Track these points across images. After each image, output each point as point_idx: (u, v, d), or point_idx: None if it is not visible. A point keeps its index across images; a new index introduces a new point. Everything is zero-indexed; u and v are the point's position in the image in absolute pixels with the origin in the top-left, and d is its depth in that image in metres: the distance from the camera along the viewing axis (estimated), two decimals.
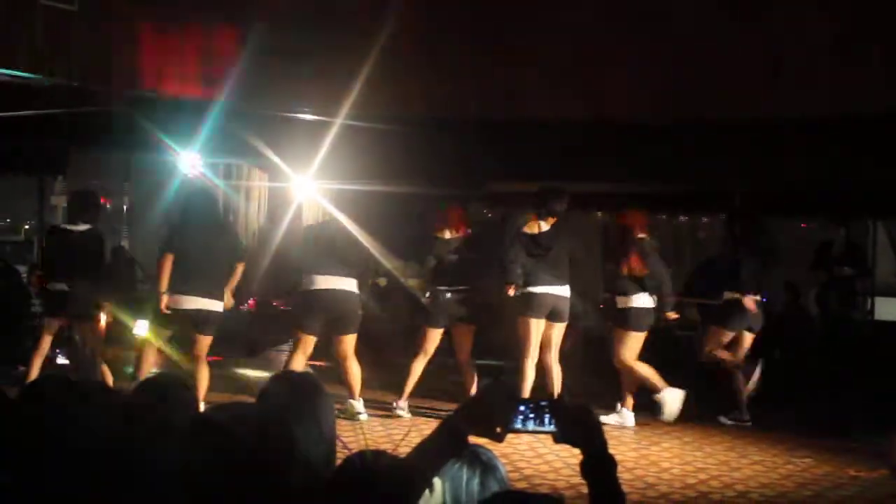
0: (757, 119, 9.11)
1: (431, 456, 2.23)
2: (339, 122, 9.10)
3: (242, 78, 8.54)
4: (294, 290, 8.17)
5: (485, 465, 2.72)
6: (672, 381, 8.32)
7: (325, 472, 2.86)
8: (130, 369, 8.39)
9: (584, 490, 2.21)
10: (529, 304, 8.29)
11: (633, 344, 8.31)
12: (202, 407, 6.82)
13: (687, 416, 8.66)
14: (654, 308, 8.41)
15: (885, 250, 13.51)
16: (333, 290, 8.06)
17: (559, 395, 8.17)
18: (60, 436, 2.50)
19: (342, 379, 8.20)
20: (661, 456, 7.36)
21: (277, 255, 12.72)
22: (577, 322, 9.34)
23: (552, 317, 8.36)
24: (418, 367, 8.41)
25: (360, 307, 8.22)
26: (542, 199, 8.45)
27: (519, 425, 2.24)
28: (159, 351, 7.82)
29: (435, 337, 8.46)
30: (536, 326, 8.30)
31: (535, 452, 7.08)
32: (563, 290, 8.38)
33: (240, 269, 7.94)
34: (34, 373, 7.87)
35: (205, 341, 7.72)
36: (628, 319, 8.35)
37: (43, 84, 8.54)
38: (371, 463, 2.36)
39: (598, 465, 2.22)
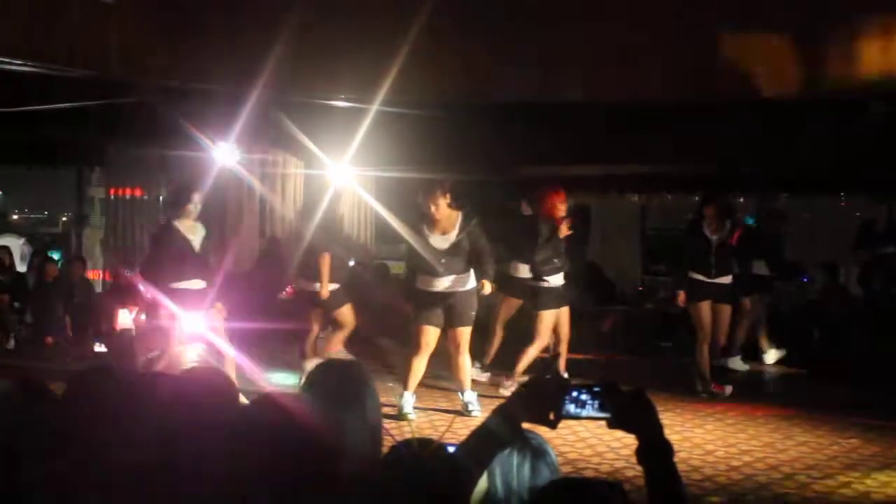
0: (794, 98, 9.00)
1: (486, 443, 2.21)
2: (374, 108, 9.07)
3: (277, 67, 8.52)
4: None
5: (535, 451, 2.71)
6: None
7: (371, 461, 2.84)
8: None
9: (629, 474, 2.16)
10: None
11: None
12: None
13: (729, 398, 8.61)
14: None
15: None
16: None
17: (613, 380, 8.19)
18: (105, 427, 2.50)
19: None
20: (705, 438, 7.30)
21: (312, 242, 12.77)
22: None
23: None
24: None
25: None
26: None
27: (572, 411, 2.20)
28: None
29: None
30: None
31: (577, 437, 7.04)
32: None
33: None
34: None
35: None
36: None
37: (80, 77, 8.57)
38: (418, 451, 2.34)
39: (655, 450, 2.17)
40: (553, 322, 8.59)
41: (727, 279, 8.83)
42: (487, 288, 7.77)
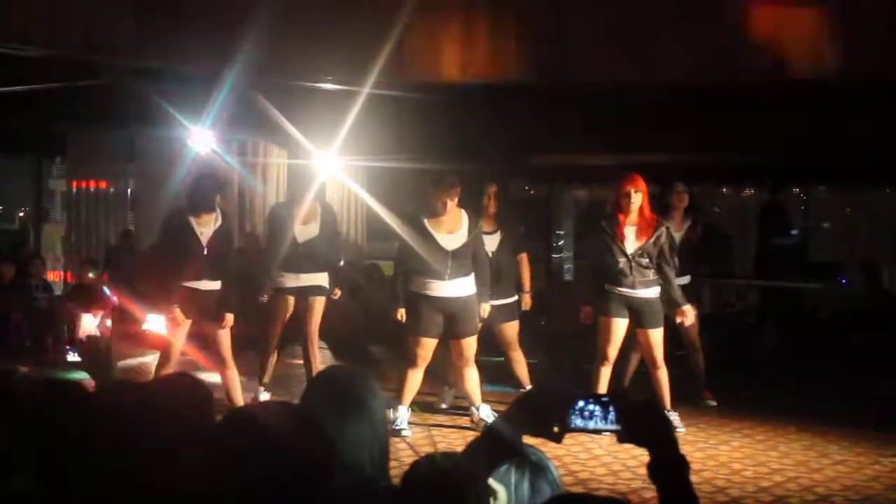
0: (826, 81, 9.00)
1: (482, 458, 2.24)
2: (365, 91, 9.09)
3: (258, 45, 8.54)
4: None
5: (535, 467, 2.70)
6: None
7: (378, 474, 2.89)
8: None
9: (647, 495, 2.19)
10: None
11: None
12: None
13: (758, 412, 8.63)
14: None
15: None
16: None
17: (623, 390, 8.18)
18: (68, 441, 2.55)
19: None
20: (732, 456, 7.33)
21: None
22: None
23: None
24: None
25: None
26: None
27: (579, 423, 2.22)
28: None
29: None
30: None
31: (589, 454, 7.08)
32: None
33: None
34: None
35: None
36: None
37: (38, 56, 8.60)
38: (441, 465, 2.37)
39: (668, 467, 2.20)
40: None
41: (685, 279, 8.73)
42: (486, 311, 7.88)
